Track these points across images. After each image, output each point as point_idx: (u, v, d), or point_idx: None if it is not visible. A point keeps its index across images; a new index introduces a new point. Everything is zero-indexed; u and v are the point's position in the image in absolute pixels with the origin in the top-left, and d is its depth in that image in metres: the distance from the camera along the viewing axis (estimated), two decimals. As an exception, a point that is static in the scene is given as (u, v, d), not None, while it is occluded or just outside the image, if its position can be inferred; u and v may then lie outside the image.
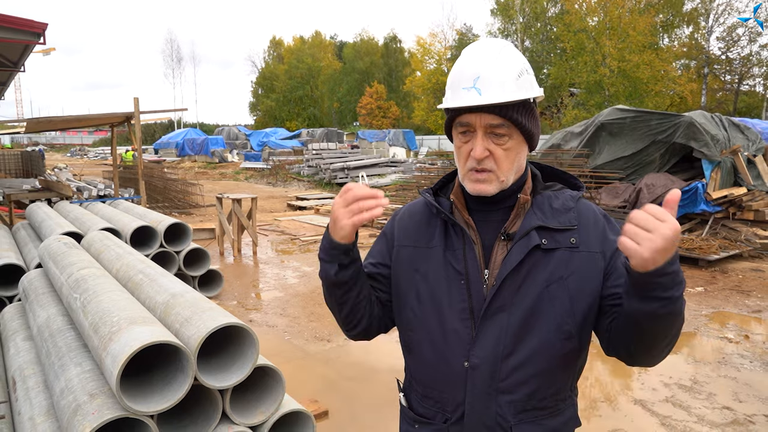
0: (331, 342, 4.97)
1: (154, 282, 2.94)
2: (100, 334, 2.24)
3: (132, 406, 2.01)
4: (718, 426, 3.47)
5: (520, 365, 1.16)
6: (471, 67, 1.14)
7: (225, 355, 2.45)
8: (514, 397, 1.17)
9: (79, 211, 6.58)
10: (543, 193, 1.24)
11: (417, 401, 1.31)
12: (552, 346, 1.17)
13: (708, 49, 36.02)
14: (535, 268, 1.16)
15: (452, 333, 1.19)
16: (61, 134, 68.61)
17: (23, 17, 6.94)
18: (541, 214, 1.19)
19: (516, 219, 1.21)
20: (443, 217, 1.26)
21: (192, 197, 15.31)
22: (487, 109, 1.12)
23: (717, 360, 4.54)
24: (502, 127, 1.14)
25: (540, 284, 1.16)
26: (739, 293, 6.43)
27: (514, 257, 1.15)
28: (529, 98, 1.14)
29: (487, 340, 1.16)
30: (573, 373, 1.26)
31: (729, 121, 10.26)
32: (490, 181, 1.16)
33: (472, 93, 1.11)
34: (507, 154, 1.16)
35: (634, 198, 9.26)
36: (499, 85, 1.11)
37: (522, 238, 1.16)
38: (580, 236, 1.20)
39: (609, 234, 1.22)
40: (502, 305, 1.16)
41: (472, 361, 1.17)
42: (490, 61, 1.13)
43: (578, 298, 1.17)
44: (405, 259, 1.29)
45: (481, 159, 1.14)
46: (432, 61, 47.04)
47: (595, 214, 1.24)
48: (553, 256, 1.17)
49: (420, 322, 1.24)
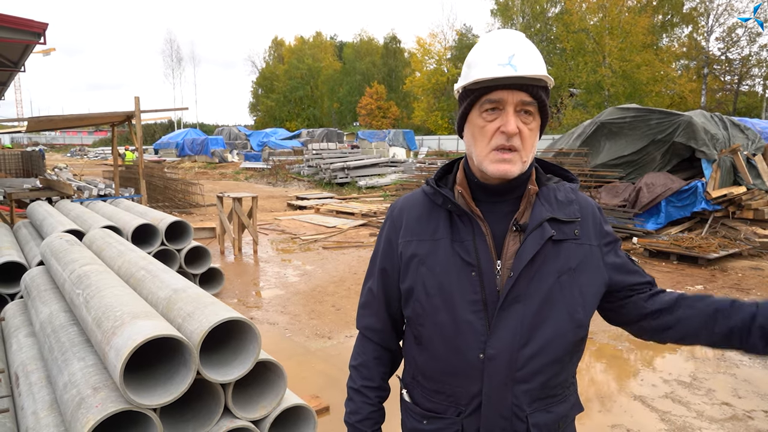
0: (331, 339, 4.98)
1: (156, 278, 2.95)
2: (104, 328, 2.26)
3: (135, 399, 2.02)
4: (717, 421, 3.49)
5: (535, 354, 1.17)
6: (504, 45, 1.15)
7: (227, 350, 2.46)
8: (530, 386, 1.18)
9: (80, 209, 6.59)
10: (548, 185, 1.25)
11: (424, 396, 1.29)
12: (565, 334, 1.19)
13: (708, 49, 36.05)
14: (547, 260, 1.18)
15: (465, 325, 1.19)
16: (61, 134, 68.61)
17: (23, 17, 6.96)
18: (549, 205, 1.21)
19: (525, 210, 1.21)
20: (449, 208, 1.24)
21: (192, 197, 15.33)
22: (521, 87, 1.13)
23: (716, 356, 4.56)
24: (532, 105, 1.15)
25: (552, 275, 1.18)
26: (738, 291, 6.45)
27: (530, 248, 1.16)
28: (551, 82, 1.18)
29: (503, 331, 1.16)
30: (577, 360, 1.29)
31: (729, 120, 10.29)
32: (515, 162, 1.16)
33: (507, 69, 1.12)
34: (531, 135, 1.17)
35: (634, 197, 9.28)
36: (534, 63, 1.14)
37: (536, 230, 1.17)
38: (582, 228, 1.23)
39: (604, 226, 1.28)
40: (518, 296, 1.17)
41: (488, 353, 1.16)
42: (522, 42, 1.17)
43: (586, 288, 1.21)
44: (409, 254, 1.27)
45: (512, 135, 1.14)
46: (432, 61, 47.11)
47: (593, 207, 1.28)
48: (562, 247, 1.19)
49: (429, 315, 1.23)
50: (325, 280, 7.17)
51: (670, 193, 9.00)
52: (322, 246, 9.36)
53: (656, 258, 8.03)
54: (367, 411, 1.38)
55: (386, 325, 1.39)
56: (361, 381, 1.39)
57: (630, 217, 9.03)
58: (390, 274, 1.34)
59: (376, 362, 1.40)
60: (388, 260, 1.34)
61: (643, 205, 9.08)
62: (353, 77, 55.76)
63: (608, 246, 1.27)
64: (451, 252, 1.22)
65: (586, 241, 1.22)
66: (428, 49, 47.20)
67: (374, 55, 56.25)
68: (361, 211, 12.69)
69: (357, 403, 1.38)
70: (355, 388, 1.40)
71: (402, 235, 1.30)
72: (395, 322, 1.39)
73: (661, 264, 7.75)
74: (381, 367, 1.41)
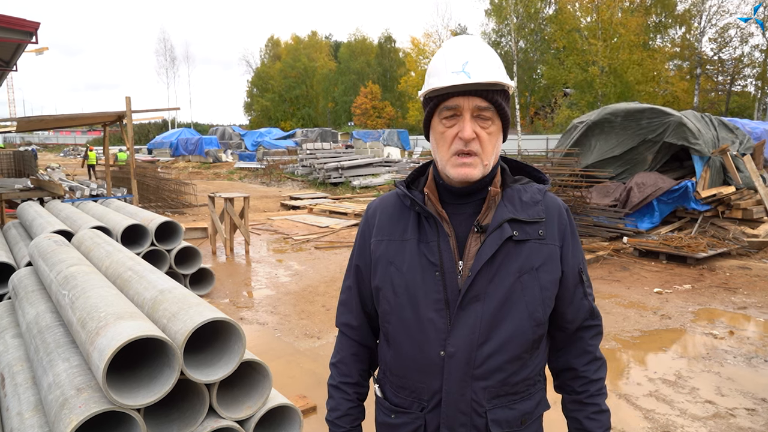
0: (320, 339, 5.00)
1: (143, 279, 2.96)
2: (88, 329, 2.27)
3: (118, 399, 2.04)
4: (699, 419, 3.53)
5: (494, 352, 1.20)
6: (459, 53, 1.19)
7: (212, 350, 2.48)
8: (488, 383, 1.21)
9: (71, 209, 6.58)
10: (513, 187, 1.28)
11: (392, 392, 1.34)
12: (524, 333, 1.22)
13: (700, 49, 36.25)
14: (507, 259, 1.21)
15: (428, 323, 1.23)
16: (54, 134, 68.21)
17: (15, 16, 6.93)
18: (512, 206, 1.24)
19: (487, 211, 1.24)
20: (417, 210, 1.28)
21: (185, 197, 15.30)
22: (476, 92, 1.17)
23: (702, 355, 4.61)
24: (489, 110, 1.18)
25: (513, 274, 1.21)
26: (725, 290, 6.51)
27: (488, 249, 1.19)
28: (509, 85, 1.21)
29: (462, 329, 1.20)
30: (542, 359, 1.32)
31: (718, 120, 10.38)
32: (475, 165, 1.19)
33: (461, 76, 1.15)
34: (490, 139, 1.20)
35: (625, 197, 9.34)
36: (487, 69, 1.17)
37: (495, 231, 1.20)
38: (546, 229, 1.26)
39: (568, 235, 1.29)
40: (477, 295, 1.20)
41: (448, 350, 1.20)
42: (477, 49, 1.20)
43: (546, 287, 1.24)
44: (380, 253, 1.32)
45: (469, 140, 1.17)
46: (426, 61, 47.06)
47: (560, 209, 1.30)
48: (524, 247, 1.22)
49: (396, 313, 1.28)
50: (316, 280, 7.19)
51: (660, 192, 9.06)
52: (314, 246, 9.37)
53: (646, 257, 8.09)
54: (346, 407, 1.41)
55: (363, 322, 1.42)
56: (339, 378, 1.43)
57: (621, 216, 9.09)
58: (364, 272, 1.38)
59: (353, 359, 1.44)
60: (362, 259, 1.39)
61: (634, 204, 9.15)
62: (348, 77, 55.72)
63: (572, 265, 1.29)
64: (417, 252, 1.26)
65: (551, 241, 1.25)
66: (423, 49, 47.24)
67: (369, 54, 56.23)
68: (354, 211, 12.70)
69: (336, 400, 1.42)
70: (334, 384, 1.43)
71: (374, 234, 1.35)
72: (372, 320, 1.42)
73: (651, 263, 7.81)
74: (358, 364, 1.44)
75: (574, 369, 1.35)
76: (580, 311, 1.31)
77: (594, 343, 1.35)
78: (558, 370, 1.39)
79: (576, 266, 1.29)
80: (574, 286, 1.29)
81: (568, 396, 1.38)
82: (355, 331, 1.43)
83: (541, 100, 41.96)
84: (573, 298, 1.30)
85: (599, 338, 1.37)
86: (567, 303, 1.30)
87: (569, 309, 1.30)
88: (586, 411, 1.34)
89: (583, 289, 1.31)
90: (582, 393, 1.34)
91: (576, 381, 1.35)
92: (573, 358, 1.35)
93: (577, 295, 1.30)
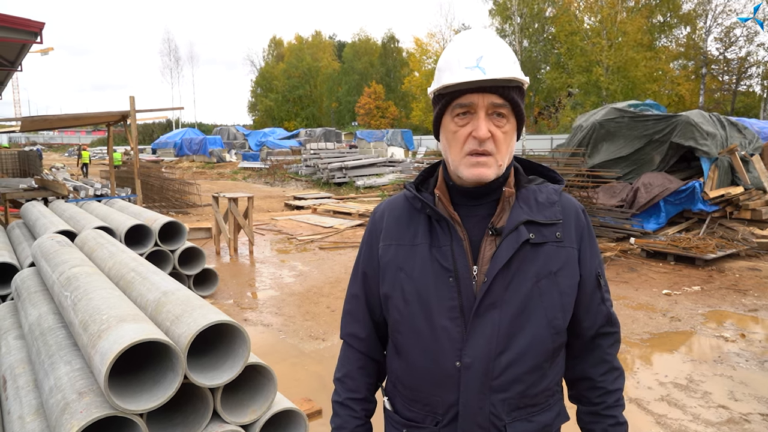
0: (326, 341, 4.95)
1: (146, 280, 2.92)
2: (90, 332, 2.22)
3: (120, 404, 1.99)
4: (713, 425, 3.46)
5: (513, 362, 1.14)
6: (472, 47, 1.11)
7: (216, 353, 2.43)
8: (507, 395, 1.15)
9: (74, 209, 6.55)
10: (527, 187, 1.21)
11: (403, 405, 1.26)
12: (543, 341, 1.15)
13: (706, 49, 36.08)
14: (524, 264, 1.14)
15: (442, 332, 1.15)
16: (59, 134, 68.47)
17: (20, 16, 6.92)
18: (527, 208, 1.17)
19: (502, 213, 1.18)
20: (428, 213, 1.21)
21: (189, 197, 15.29)
22: (491, 89, 1.10)
23: (713, 359, 4.53)
24: (504, 107, 1.12)
25: (530, 280, 1.14)
26: (735, 292, 6.42)
27: (504, 253, 1.13)
28: (525, 81, 1.14)
29: (479, 338, 1.13)
30: (561, 368, 1.25)
31: (727, 120, 10.28)
32: (490, 165, 1.12)
33: (476, 72, 1.08)
34: (506, 138, 1.14)
35: (632, 197, 9.26)
36: (503, 64, 1.10)
37: (511, 233, 1.14)
38: (564, 231, 1.19)
39: (586, 237, 1.23)
40: (494, 302, 1.13)
41: (464, 361, 1.13)
42: (491, 42, 1.13)
43: (566, 293, 1.17)
44: (388, 258, 1.25)
45: (484, 140, 1.10)
46: (430, 61, 47.04)
47: (577, 210, 1.24)
48: (541, 250, 1.16)
49: (407, 322, 1.20)
50: (321, 280, 7.14)
51: (667, 193, 8.98)
52: (318, 246, 9.33)
53: (653, 258, 8.01)
54: (353, 425, 1.32)
55: (370, 333, 1.34)
56: (345, 393, 1.34)
57: (627, 217, 9.01)
58: (371, 279, 1.31)
59: (360, 372, 1.35)
60: (370, 265, 1.31)
61: (641, 205, 9.06)
62: (352, 77, 55.74)
63: (590, 268, 1.23)
64: (429, 257, 1.19)
65: (568, 243, 1.19)
66: (426, 49, 47.21)
67: (372, 54, 56.24)
68: (359, 211, 12.65)
69: (343, 418, 1.33)
70: (340, 401, 1.34)
71: (382, 239, 1.28)
72: (380, 330, 1.35)
73: (659, 264, 7.73)
74: (366, 378, 1.35)
75: (590, 379, 1.28)
76: (598, 317, 1.24)
77: (612, 351, 1.28)
78: (573, 379, 1.32)
79: (594, 270, 1.23)
80: (591, 291, 1.23)
81: (584, 407, 1.31)
82: (362, 343, 1.35)
83: (546, 101, 41.85)
84: (590, 303, 1.23)
85: (617, 346, 1.30)
86: (584, 309, 1.23)
87: (586, 315, 1.24)
88: (602, 424, 1.27)
89: (600, 294, 1.24)
90: (599, 404, 1.28)
91: (593, 392, 1.28)
92: (590, 368, 1.28)
93: (595, 300, 1.23)
